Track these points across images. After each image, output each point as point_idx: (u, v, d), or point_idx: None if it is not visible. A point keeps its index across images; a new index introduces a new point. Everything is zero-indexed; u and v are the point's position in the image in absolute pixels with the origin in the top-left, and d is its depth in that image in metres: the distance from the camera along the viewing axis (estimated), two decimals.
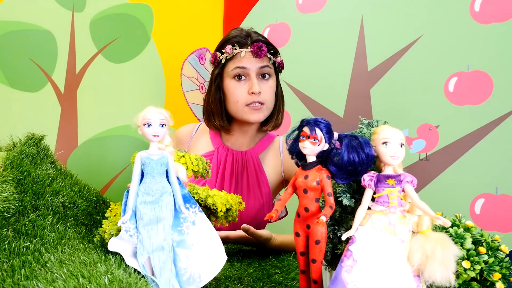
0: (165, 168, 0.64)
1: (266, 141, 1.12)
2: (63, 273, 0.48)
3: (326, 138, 0.55)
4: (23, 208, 0.66)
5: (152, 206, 0.62)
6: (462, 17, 1.58)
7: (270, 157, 1.10)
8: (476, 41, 1.57)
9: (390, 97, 1.72)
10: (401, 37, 1.70)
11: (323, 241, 0.54)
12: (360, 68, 1.79)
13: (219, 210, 0.69)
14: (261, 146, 1.10)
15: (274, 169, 1.10)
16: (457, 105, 1.58)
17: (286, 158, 1.12)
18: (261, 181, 1.06)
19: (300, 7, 1.87)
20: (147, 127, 0.62)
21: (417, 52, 1.68)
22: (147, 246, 0.61)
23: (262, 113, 1.05)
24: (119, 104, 1.68)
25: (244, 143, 1.11)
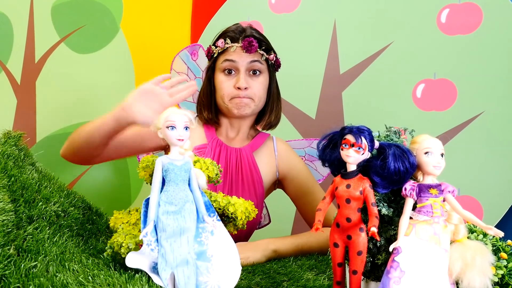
0: (188, 175, 0.59)
1: (259, 139, 1.09)
2: None
3: (370, 146, 0.53)
4: (19, 220, 0.57)
5: (175, 217, 0.57)
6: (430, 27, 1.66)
7: (264, 156, 1.08)
8: (442, 50, 1.65)
9: (361, 100, 1.76)
10: (373, 43, 1.74)
11: (365, 252, 0.53)
12: (332, 71, 1.81)
13: (239, 218, 0.66)
14: (255, 144, 1.07)
15: (269, 168, 1.07)
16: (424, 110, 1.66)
17: (282, 157, 1.10)
18: (256, 181, 1.03)
19: (272, 7, 1.86)
20: (171, 130, 0.57)
21: (388, 58, 1.73)
22: (170, 260, 0.55)
23: (248, 109, 1.02)
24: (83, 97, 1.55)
25: (236, 139, 1.08)
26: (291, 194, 1.11)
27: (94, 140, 0.92)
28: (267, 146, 1.10)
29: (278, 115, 1.10)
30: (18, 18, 1.49)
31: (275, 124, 1.10)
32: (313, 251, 0.98)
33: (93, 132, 0.92)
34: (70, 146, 0.98)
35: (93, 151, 0.95)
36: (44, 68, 1.53)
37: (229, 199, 0.66)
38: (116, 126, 0.88)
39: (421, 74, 1.66)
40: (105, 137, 0.91)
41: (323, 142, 0.60)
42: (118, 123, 0.87)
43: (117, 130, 0.90)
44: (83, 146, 0.95)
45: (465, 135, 1.57)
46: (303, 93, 1.77)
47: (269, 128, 1.10)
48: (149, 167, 0.65)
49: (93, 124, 0.92)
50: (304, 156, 1.25)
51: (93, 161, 1.02)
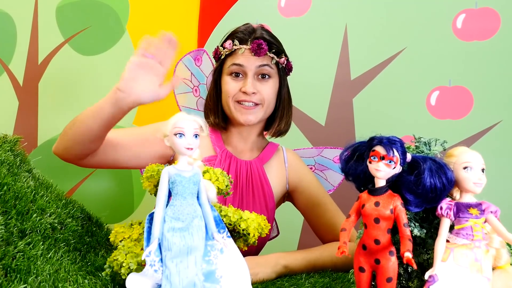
0: (197, 188, 0.53)
1: (269, 150, 1.03)
2: None
3: (402, 160, 0.47)
4: (9, 235, 0.51)
5: (182, 234, 0.51)
6: (445, 33, 1.60)
7: (274, 168, 1.02)
8: (458, 57, 1.60)
9: (372, 107, 1.70)
10: (385, 48, 1.69)
11: (395, 279, 0.47)
12: (343, 76, 1.76)
13: (251, 235, 0.60)
14: (265, 156, 1.02)
15: (279, 181, 1.02)
16: (438, 119, 1.60)
17: (292, 169, 1.04)
18: (267, 195, 0.97)
19: (282, 10, 1.81)
20: (179, 137, 0.51)
21: (401, 64, 1.68)
22: (176, 283, 0.50)
23: (255, 114, 0.96)
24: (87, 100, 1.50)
25: (245, 149, 1.02)
26: (301, 207, 1.05)
27: (88, 130, 0.82)
28: (277, 157, 1.04)
29: (289, 122, 1.04)
30: (22, 18, 1.45)
31: (284, 132, 1.04)
32: (326, 268, 0.91)
33: (87, 121, 0.82)
34: (62, 139, 0.88)
35: (87, 144, 0.85)
36: (47, 70, 1.49)
37: (240, 214, 0.60)
38: (114, 111, 0.79)
39: (435, 81, 1.60)
40: (101, 126, 0.81)
41: (346, 153, 0.55)
42: (117, 107, 0.78)
43: (115, 116, 0.81)
44: (76, 138, 0.85)
45: (482, 145, 1.51)
46: (313, 99, 1.72)
47: (278, 136, 1.04)
48: (154, 177, 0.60)
49: (86, 112, 0.83)
50: (313, 166, 1.19)
51: (87, 161, 0.91)
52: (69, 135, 0.86)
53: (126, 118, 1.48)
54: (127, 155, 0.94)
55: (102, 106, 0.80)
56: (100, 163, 0.93)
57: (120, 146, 0.93)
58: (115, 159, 0.94)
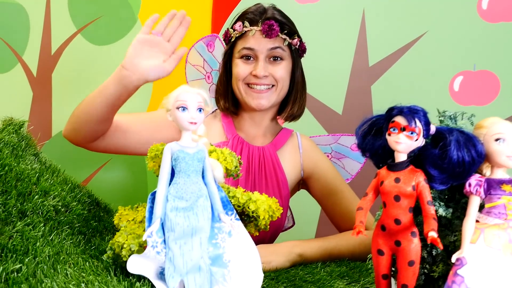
0: (202, 165, 0.50)
1: (282, 136, 0.99)
2: None
3: (425, 131, 0.43)
4: (8, 215, 0.49)
5: (186, 214, 0.48)
6: (469, 15, 1.53)
7: (288, 154, 0.98)
8: (483, 40, 1.52)
9: (392, 94, 1.64)
10: (405, 33, 1.62)
11: (418, 262, 0.43)
12: (361, 63, 1.70)
13: (261, 218, 0.56)
14: (278, 142, 0.97)
15: (293, 167, 0.97)
16: (462, 105, 1.53)
17: (307, 155, 0.99)
18: (281, 182, 0.94)
19: None
20: (182, 111, 0.48)
21: (421, 49, 1.61)
22: (179, 266, 0.46)
23: (267, 99, 0.92)
24: None
25: (257, 135, 0.98)
26: (316, 194, 1.01)
27: (94, 110, 0.81)
28: (291, 143, 1.00)
29: (302, 106, 1.00)
30: (34, 9, 1.45)
31: (298, 116, 1.00)
32: (343, 257, 0.87)
33: (93, 101, 0.80)
34: (70, 121, 0.88)
35: (94, 126, 0.84)
36: (60, 60, 1.48)
37: (250, 195, 0.57)
38: (119, 89, 0.77)
39: (459, 66, 1.53)
40: (106, 106, 0.80)
41: (363, 128, 0.50)
42: (122, 86, 0.77)
43: (121, 96, 0.79)
44: (83, 119, 0.84)
45: None
46: (329, 87, 1.66)
47: (291, 120, 1.00)
48: (159, 157, 0.56)
49: (93, 93, 0.82)
50: (330, 154, 1.14)
51: (96, 145, 0.89)
52: (77, 116, 0.85)
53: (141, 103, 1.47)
54: (137, 141, 0.92)
55: (107, 85, 0.78)
56: (110, 147, 0.92)
57: (130, 131, 0.91)
58: (125, 144, 0.92)
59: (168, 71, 0.78)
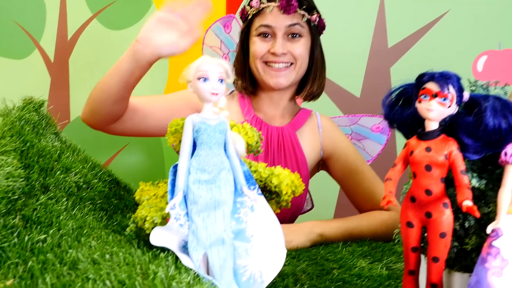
0: (224, 137, 0.49)
1: (302, 116, 0.97)
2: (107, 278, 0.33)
3: (458, 98, 0.41)
4: (31, 188, 0.49)
5: (209, 187, 0.47)
6: None
7: (307, 134, 0.96)
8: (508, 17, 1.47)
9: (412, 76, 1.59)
10: (425, 12, 1.57)
11: (450, 235, 0.41)
12: (380, 44, 1.66)
13: (284, 193, 0.55)
14: (297, 122, 0.96)
15: (312, 148, 0.96)
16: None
17: (326, 134, 0.98)
18: (300, 162, 0.92)
19: None
20: (203, 82, 0.47)
21: (443, 29, 1.56)
22: (203, 239, 0.46)
23: (286, 77, 0.90)
24: None
25: (276, 115, 0.97)
26: (337, 175, 0.99)
27: (109, 89, 0.80)
28: (310, 123, 0.98)
29: (322, 85, 0.97)
30: None
31: (317, 95, 0.98)
32: (364, 237, 0.86)
33: (107, 79, 0.80)
34: (88, 103, 0.87)
35: (109, 106, 0.83)
36: (76, 45, 1.49)
37: (272, 169, 0.55)
38: (133, 65, 0.76)
39: (483, 45, 1.48)
40: (122, 83, 0.79)
41: (390, 98, 0.48)
42: (135, 61, 0.76)
43: (134, 72, 0.78)
44: (98, 99, 0.83)
45: None
46: (347, 69, 1.63)
47: (310, 99, 0.98)
48: (179, 132, 0.56)
49: (108, 72, 0.81)
50: (350, 135, 1.12)
51: (114, 128, 0.89)
52: (93, 97, 0.85)
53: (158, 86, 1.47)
54: (155, 122, 0.92)
55: (121, 61, 0.78)
56: (129, 130, 0.92)
57: (148, 113, 0.91)
58: (143, 126, 0.92)
59: (182, 48, 0.77)
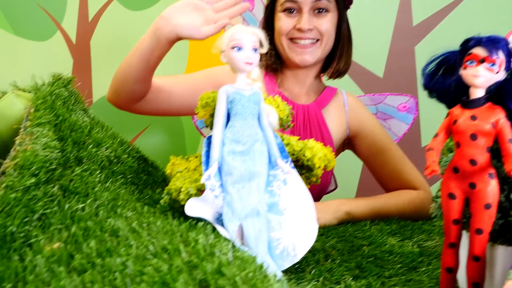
0: (258, 108, 0.48)
1: (327, 94, 0.96)
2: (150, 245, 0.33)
3: (507, 63, 0.39)
4: (66, 160, 0.50)
5: (243, 158, 0.46)
6: None
7: (333, 112, 0.95)
8: None
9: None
10: None
11: (495, 206, 0.40)
12: (404, 22, 1.61)
13: (317, 166, 0.54)
14: (323, 100, 0.94)
15: (338, 126, 0.94)
16: None
17: (353, 112, 0.96)
18: (327, 141, 0.91)
19: None
20: (237, 51, 0.46)
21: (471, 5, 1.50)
22: (238, 210, 0.46)
23: (312, 54, 0.88)
24: None
25: (301, 93, 0.95)
26: (363, 154, 0.97)
27: (131, 68, 0.80)
28: (336, 101, 0.96)
29: (348, 62, 0.95)
30: None
31: (344, 72, 0.96)
32: (392, 216, 0.85)
33: (130, 60, 0.80)
34: (113, 83, 0.87)
35: (131, 85, 0.83)
36: (98, 27, 1.49)
37: (305, 142, 0.54)
38: (153, 42, 0.76)
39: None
40: (143, 62, 0.79)
41: (430, 67, 0.47)
42: (155, 38, 0.75)
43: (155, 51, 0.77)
44: (123, 80, 0.83)
45: None
46: (370, 48, 1.59)
47: (336, 77, 0.96)
48: (210, 105, 0.55)
49: (130, 51, 0.81)
50: (375, 114, 1.10)
51: (139, 107, 0.89)
52: (117, 77, 0.85)
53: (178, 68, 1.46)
54: (179, 102, 0.92)
55: (143, 39, 0.78)
56: (153, 110, 0.91)
57: (173, 93, 0.91)
58: (168, 107, 0.92)
59: (203, 34, 0.75)
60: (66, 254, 0.31)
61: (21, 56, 1.45)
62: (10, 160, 0.38)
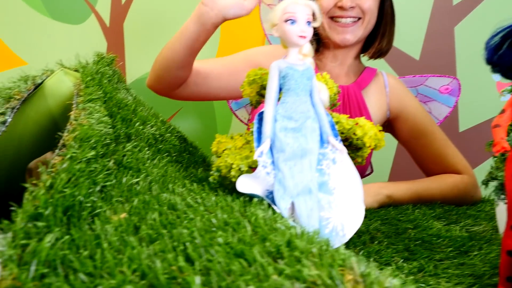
0: (311, 84, 0.47)
1: (367, 75, 0.93)
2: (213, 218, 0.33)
3: None
4: (117, 136, 0.50)
5: (295, 135, 0.45)
6: None
7: (373, 94, 0.92)
8: None
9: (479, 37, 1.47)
10: None
11: None
12: (443, 1, 1.54)
13: (367, 145, 0.53)
14: (363, 81, 0.92)
15: (379, 107, 0.92)
16: None
17: (394, 94, 0.93)
18: None
19: None
20: (290, 24, 0.44)
21: None
22: (290, 187, 0.45)
23: (353, 33, 0.85)
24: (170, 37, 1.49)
25: (340, 74, 0.93)
26: (404, 137, 0.94)
27: (174, 54, 0.80)
28: (376, 82, 0.94)
29: (391, 41, 0.92)
30: None
31: (386, 52, 0.92)
32: (434, 201, 0.82)
33: (173, 44, 0.80)
34: (153, 68, 0.87)
35: (174, 71, 0.83)
36: (130, 9, 1.49)
37: (356, 120, 0.53)
38: (198, 28, 0.75)
39: None
40: (187, 48, 0.78)
41: (494, 40, 0.44)
42: (200, 24, 0.75)
43: (199, 36, 0.77)
44: (165, 66, 0.83)
45: None
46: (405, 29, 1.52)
47: (378, 57, 0.93)
48: (256, 82, 0.54)
49: (173, 37, 0.81)
50: (416, 97, 1.06)
51: (179, 93, 0.89)
52: (159, 63, 0.84)
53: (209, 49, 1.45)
54: (218, 86, 0.91)
55: (186, 25, 0.76)
56: (192, 95, 0.91)
57: (211, 76, 0.90)
58: (206, 90, 0.91)
59: (248, 9, 0.74)
60: (132, 224, 0.31)
61: (57, 39, 1.47)
62: (69, 133, 0.38)
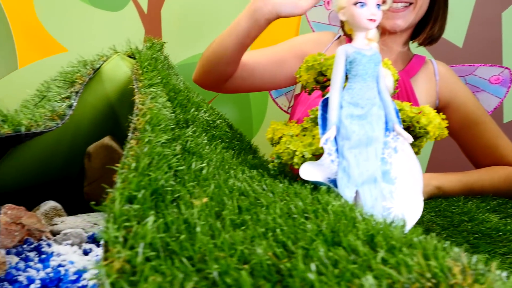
0: (377, 70, 0.45)
1: (416, 62, 0.90)
2: (291, 204, 0.33)
3: None
4: (178, 121, 0.50)
5: (361, 122, 0.44)
6: None
7: (422, 82, 0.89)
8: None
9: None
10: None
11: None
12: None
13: (431, 134, 0.51)
14: (412, 69, 0.89)
15: (428, 96, 0.89)
16: None
17: (444, 82, 0.90)
18: None
19: None
20: (360, 7, 0.43)
21: None
22: (354, 176, 0.44)
23: (404, 18, 0.82)
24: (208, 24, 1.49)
25: None
26: (453, 126, 0.91)
27: (224, 49, 0.80)
28: (425, 70, 0.90)
29: (443, 26, 0.88)
30: None
31: (437, 38, 0.89)
32: (486, 193, 0.79)
33: (223, 40, 0.80)
34: (200, 64, 0.88)
35: (223, 67, 0.84)
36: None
37: (420, 108, 0.51)
38: (250, 24, 0.75)
39: None
40: (237, 44, 0.78)
41: None
42: (253, 20, 0.74)
43: (251, 32, 0.76)
44: (214, 61, 0.83)
45: None
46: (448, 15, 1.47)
47: (428, 43, 0.90)
48: (314, 68, 0.53)
49: (223, 32, 0.81)
50: None
51: (226, 87, 0.90)
52: (207, 58, 0.85)
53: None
54: (263, 76, 0.91)
55: (238, 21, 0.76)
56: (238, 88, 0.92)
57: (256, 68, 0.89)
58: (252, 82, 0.91)
59: (303, 8, 0.72)
60: (213, 210, 0.31)
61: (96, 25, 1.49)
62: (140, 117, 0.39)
